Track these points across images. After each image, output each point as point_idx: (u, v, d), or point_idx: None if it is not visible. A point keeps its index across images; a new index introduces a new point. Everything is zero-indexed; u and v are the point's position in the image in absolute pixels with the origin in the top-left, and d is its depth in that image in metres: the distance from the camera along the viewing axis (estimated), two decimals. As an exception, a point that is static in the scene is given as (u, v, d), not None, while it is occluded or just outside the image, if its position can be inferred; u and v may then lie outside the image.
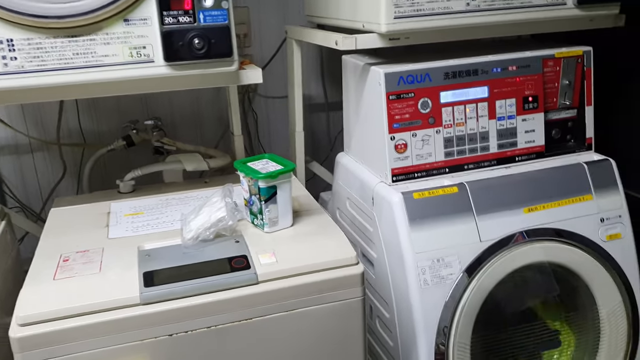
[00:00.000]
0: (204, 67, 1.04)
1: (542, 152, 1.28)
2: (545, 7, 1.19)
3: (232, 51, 1.04)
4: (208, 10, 1.00)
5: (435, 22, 1.12)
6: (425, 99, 1.18)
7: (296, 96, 1.44)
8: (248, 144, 1.79)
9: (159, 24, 0.99)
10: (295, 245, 1.02)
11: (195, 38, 1.00)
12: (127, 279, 0.93)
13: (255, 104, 1.77)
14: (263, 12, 1.70)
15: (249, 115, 1.77)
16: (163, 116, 1.69)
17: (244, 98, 1.74)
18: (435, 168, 1.22)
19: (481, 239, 1.16)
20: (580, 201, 1.24)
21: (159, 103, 1.68)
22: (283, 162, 1.07)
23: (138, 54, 1.00)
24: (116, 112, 1.65)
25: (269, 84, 1.77)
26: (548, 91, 1.28)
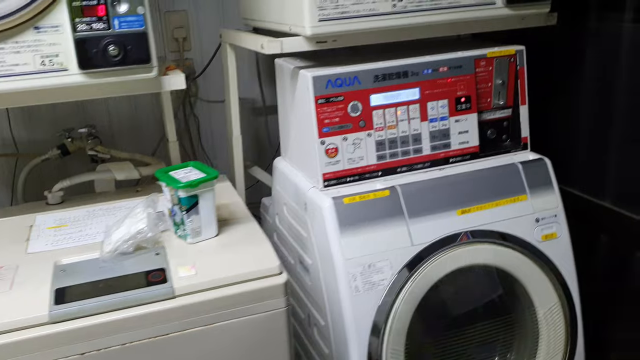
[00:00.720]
0: (121, 74, 1.00)
1: (477, 152, 1.28)
2: (474, 7, 1.18)
3: (150, 57, 1.01)
4: (123, 16, 0.97)
5: (361, 25, 1.10)
6: (355, 102, 1.16)
7: (232, 100, 1.41)
8: (190, 150, 1.75)
9: (72, 31, 0.95)
10: (217, 257, 0.99)
11: (110, 45, 0.97)
12: (38, 297, 0.89)
13: (197, 109, 1.74)
14: (202, 15, 1.67)
15: (190, 120, 1.74)
16: (102, 123, 1.65)
17: (184, 102, 1.71)
18: (368, 172, 1.20)
19: (413, 242, 1.15)
20: (515, 202, 1.24)
21: (97, 110, 1.64)
22: (207, 170, 1.05)
23: (50, 63, 0.96)
24: (52, 120, 1.60)
25: (210, 88, 1.74)
26: (481, 91, 1.27)
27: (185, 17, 1.66)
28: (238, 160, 1.46)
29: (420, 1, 1.13)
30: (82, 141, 1.50)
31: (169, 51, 1.67)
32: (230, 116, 1.43)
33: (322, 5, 1.07)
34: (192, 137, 1.75)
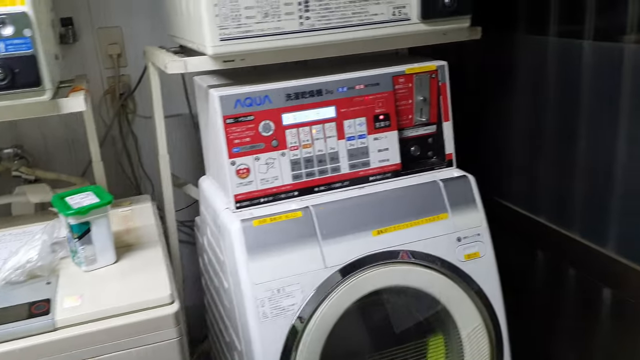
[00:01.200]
0: (10, 98, 0.97)
1: (399, 170, 1.25)
2: (388, 23, 1.16)
3: (41, 80, 0.98)
4: (8, 39, 0.94)
5: (267, 44, 1.08)
6: (267, 121, 1.14)
7: (157, 118, 1.38)
8: (130, 169, 1.72)
9: (-47, 54, 0.93)
10: (109, 285, 0.96)
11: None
12: None
13: (135, 126, 1.71)
14: (137, 30, 1.64)
15: (128, 138, 1.71)
16: (35, 143, 1.62)
17: (121, 120, 1.68)
18: (283, 192, 1.17)
19: (326, 265, 1.12)
20: (435, 220, 1.21)
21: (30, 129, 1.61)
22: (102, 195, 1.02)
23: None
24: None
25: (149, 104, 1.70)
26: (402, 108, 1.25)
27: (119, 33, 1.63)
28: (166, 179, 1.43)
29: (329, 19, 1.11)
30: (10, 161, 1.47)
31: (103, 68, 1.65)
32: (156, 134, 1.41)
33: (223, 24, 1.04)
34: (130, 156, 1.72)
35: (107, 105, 1.67)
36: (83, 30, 1.59)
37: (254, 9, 1.05)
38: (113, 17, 1.62)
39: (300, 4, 1.08)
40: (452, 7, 1.17)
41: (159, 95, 1.38)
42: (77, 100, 1.06)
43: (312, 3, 1.09)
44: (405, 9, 1.16)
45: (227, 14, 1.04)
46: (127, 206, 1.31)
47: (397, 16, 1.16)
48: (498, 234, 1.31)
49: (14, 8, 0.93)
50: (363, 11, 1.13)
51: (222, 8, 1.03)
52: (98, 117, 1.65)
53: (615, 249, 1.21)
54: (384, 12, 1.14)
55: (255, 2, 1.05)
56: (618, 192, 1.18)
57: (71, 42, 1.55)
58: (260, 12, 1.06)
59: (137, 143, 1.72)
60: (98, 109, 1.65)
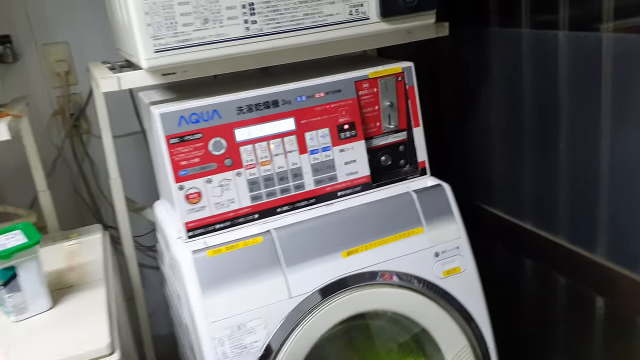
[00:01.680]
0: None
1: (369, 183, 1.15)
2: (344, 24, 1.05)
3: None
4: None
5: (208, 53, 0.97)
6: (218, 138, 1.03)
7: (104, 139, 1.27)
8: (87, 195, 1.61)
9: None
10: (41, 337, 0.85)
11: None
12: None
13: (91, 147, 1.60)
14: (87, 45, 1.53)
15: (83, 161, 1.59)
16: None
17: (74, 141, 1.56)
18: (242, 215, 1.06)
19: (291, 294, 1.01)
20: (410, 235, 1.10)
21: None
22: (32, 234, 0.90)
23: None
24: None
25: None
26: (368, 116, 1.14)
27: (66, 49, 1.52)
28: (120, 204, 1.32)
29: (278, 22, 1.00)
30: (-51, 195, 1.35)
31: (51, 87, 1.53)
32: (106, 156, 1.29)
33: (157, 34, 0.93)
34: (87, 180, 1.60)
35: (58, 127, 1.55)
36: (25, 47, 1.47)
37: (192, 15, 0.94)
38: (59, 32, 1.50)
39: (244, 7, 0.97)
40: (413, 3, 1.07)
41: (105, 114, 1.27)
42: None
43: (258, 5, 0.98)
44: (362, 7, 1.06)
45: (160, 22, 0.93)
46: (76, 238, 1.20)
47: (354, 16, 1.06)
48: (482, 242, 1.21)
49: None
50: (316, 12, 1.02)
51: (154, 16, 0.92)
52: (47, 141, 1.54)
53: (605, 255, 1.12)
54: (339, 12, 1.04)
55: (193, 8, 0.94)
56: (604, 195, 1.09)
57: (11, 62, 1.43)
58: (199, 18, 0.95)
59: (93, 166, 1.60)
60: (47, 131, 1.53)
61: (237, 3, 0.97)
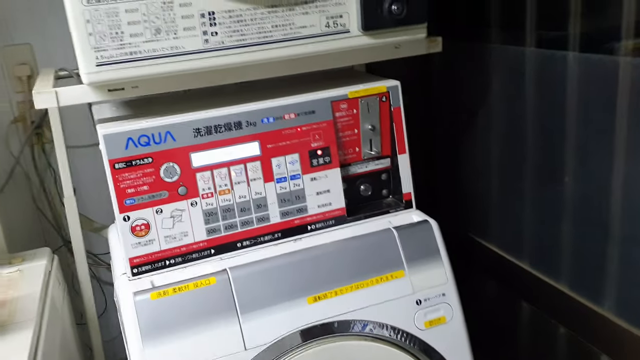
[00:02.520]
0: None
1: (344, 216, 1.02)
2: (320, 37, 0.92)
3: None
4: None
5: (160, 68, 0.84)
6: (170, 163, 0.90)
7: (58, 153, 1.15)
8: (49, 211, 1.49)
9: None
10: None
11: None
12: None
13: (54, 158, 1.47)
14: (52, 48, 1.41)
15: (45, 173, 1.47)
16: None
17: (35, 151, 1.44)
18: (196, 251, 0.94)
19: (246, 346, 0.88)
20: (389, 280, 0.97)
21: None
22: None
23: None
24: None
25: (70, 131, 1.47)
26: (345, 140, 1.01)
27: (29, 51, 1.40)
28: (74, 225, 1.19)
29: (242, 34, 0.88)
30: None
31: (13, 92, 1.41)
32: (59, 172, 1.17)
33: (100, 45, 0.81)
34: (49, 195, 1.48)
35: (18, 135, 1.43)
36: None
37: (141, 25, 0.82)
38: (21, 33, 1.38)
39: (203, 17, 0.85)
40: (401, 15, 0.94)
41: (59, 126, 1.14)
42: None
43: (219, 15, 0.86)
44: (342, 18, 0.93)
45: (104, 31, 0.80)
46: (18, 264, 1.08)
47: (332, 28, 0.93)
48: (474, 277, 1.08)
49: None
50: (287, 23, 0.90)
51: (97, 25, 0.80)
52: (6, 150, 1.42)
53: (612, 309, 0.98)
54: (314, 24, 0.91)
55: (142, 16, 0.82)
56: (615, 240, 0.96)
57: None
58: (150, 28, 0.82)
59: (56, 178, 1.48)
60: (5, 140, 1.42)
61: (195, 12, 0.84)
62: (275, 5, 0.89)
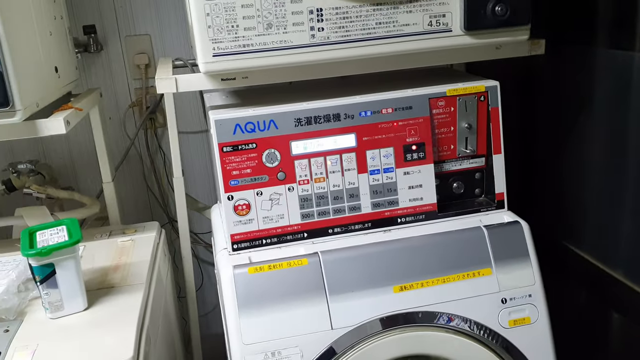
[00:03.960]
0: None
1: (434, 211, 1.04)
2: (422, 35, 0.95)
3: (9, 100, 0.87)
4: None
5: (269, 60, 0.91)
6: (272, 150, 0.97)
7: (171, 137, 1.25)
8: (157, 189, 1.62)
9: None
10: (69, 339, 0.83)
11: (-45, 87, 0.84)
12: None
13: (165, 141, 1.60)
14: (167, 38, 1.54)
15: (156, 154, 1.60)
16: (62, 158, 1.55)
17: (148, 134, 1.58)
18: (290, 233, 1.00)
19: (333, 326, 0.93)
20: (475, 276, 0.98)
21: (58, 144, 1.54)
22: (74, 232, 0.89)
23: None
24: (7, 152, 1.52)
25: (181, 118, 1.59)
26: (441, 137, 1.03)
27: (147, 41, 1.53)
28: (181, 204, 1.30)
29: (347, 30, 0.92)
30: (26, 177, 1.40)
31: (131, 79, 1.55)
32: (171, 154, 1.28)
33: (217, 37, 0.88)
34: (158, 174, 1.61)
35: (134, 119, 1.57)
36: (109, 38, 1.50)
37: (255, 19, 0.89)
38: (142, 24, 1.51)
39: (312, 13, 0.90)
40: (504, 16, 0.94)
41: (173, 111, 1.24)
42: (55, 123, 0.94)
43: (327, 12, 0.91)
44: (445, 18, 0.95)
45: (221, 24, 0.88)
46: (130, 234, 1.19)
47: (434, 27, 0.95)
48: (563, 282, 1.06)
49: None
50: (391, 21, 0.93)
51: (215, 18, 0.87)
52: (123, 132, 1.56)
53: None
54: (417, 22, 0.94)
55: (256, 11, 0.88)
56: None
57: (94, 51, 1.46)
58: (262, 23, 0.89)
59: (165, 160, 1.61)
60: (123, 123, 1.56)
61: (304, 8, 0.90)
62: (380, 4, 0.92)
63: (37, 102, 0.96)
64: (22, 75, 0.89)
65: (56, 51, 1.13)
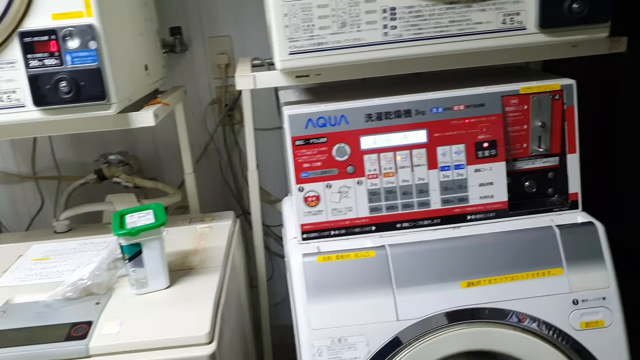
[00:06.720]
0: (76, 111, 0.96)
1: (505, 209, 1.04)
2: (496, 33, 0.95)
3: (106, 94, 0.95)
4: (75, 51, 0.93)
5: (344, 57, 0.94)
6: (342, 144, 1.00)
7: (247, 132, 1.31)
8: (233, 182, 1.69)
9: (25, 67, 0.93)
10: (152, 314, 0.90)
11: (60, 81, 0.93)
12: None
13: (241, 137, 1.67)
14: (247, 40, 1.61)
15: (233, 150, 1.68)
16: (147, 150, 1.66)
17: (226, 130, 1.66)
18: (358, 225, 1.03)
19: (399, 317, 0.95)
20: (545, 276, 0.97)
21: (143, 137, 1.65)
22: (160, 215, 0.96)
23: (9, 99, 0.96)
24: (98, 144, 1.64)
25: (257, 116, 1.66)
26: (514, 135, 1.03)
27: (228, 42, 1.61)
28: (254, 196, 1.36)
29: (420, 28, 0.94)
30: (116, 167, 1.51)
31: (212, 78, 1.64)
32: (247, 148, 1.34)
33: (293, 36, 0.93)
34: (233, 168, 1.69)
35: (214, 115, 1.66)
36: (193, 39, 1.59)
37: (329, 18, 0.92)
38: (223, 26, 1.59)
39: (385, 12, 0.93)
40: (582, 14, 0.93)
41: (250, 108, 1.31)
42: (146, 115, 1.02)
43: (400, 10, 0.93)
44: (519, 16, 0.95)
45: (298, 24, 0.92)
46: (209, 222, 1.27)
47: (508, 25, 0.95)
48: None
49: (81, 20, 0.92)
50: (464, 19, 0.94)
51: (292, 18, 0.92)
52: (203, 127, 1.65)
53: None
54: (491, 21, 0.94)
55: (331, 11, 0.92)
56: None
57: (179, 52, 1.56)
58: (337, 22, 0.93)
59: (240, 155, 1.68)
60: (204, 118, 1.64)
61: (378, 7, 0.93)
62: (453, 2, 0.93)
63: (130, 97, 1.05)
64: (117, 71, 0.98)
65: (146, 51, 1.22)
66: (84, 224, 1.32)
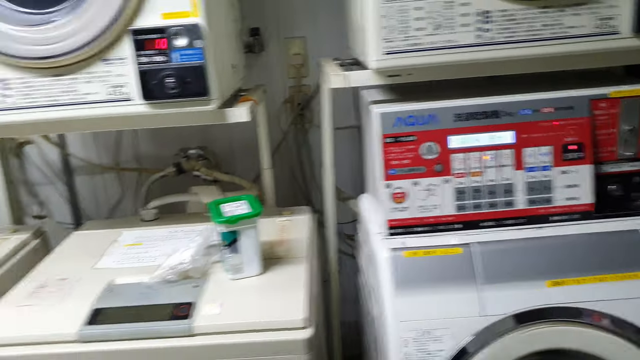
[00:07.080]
0: (179, 106, 1.02)
1: (590, 212, 1.04)
2: (588, 37, 0.96)
3: (208, 90, 1.01)
4: (182, 49, 0.99)
5: (437, 58, 0.97)
6: (430, 143, 1.03)
7: (325, 130, 1.36)
8: (301, 179, 1.74)
9: (135, 63, 1.00)
10: (248, 298, 0.95)
11: (167, 77, 0.99)
12: (77, 314, 0.94)
13: (311, 136, 1.72)
14: (321, 41, 1.65)
15: (303, 147, 1.72)
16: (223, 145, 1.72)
17: (297, 129, 1.70)
18: (444, 223, 1.05)
19: (483, 313, 0.97)
20: (632, 279, 0.98)
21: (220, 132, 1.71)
22: (255, 205, 1.01)
23: (118, 92, 1.02)
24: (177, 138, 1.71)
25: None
26: (601, 138, 1.04)
27: (303, 43, 1.66)
28: (329, 192, 1.40)
29: (513, 31, 0.96)
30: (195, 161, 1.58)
31: (287, 77, 1.69)
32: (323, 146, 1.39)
33: (389, 37, 0.96)
34: (303, 166, 1.74)
35: (286, 114, 1.71)
36: (270, 40, 1.64)
37: (425, 20, 0.95)
38: (299, 27, 1.64)
39: (479, 15, 0.95)
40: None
41: (329, 107, 1.35)
42: (241, 111, 1.08)
43: (494, 14, 0.95)
44: (613, 20, 0.95)
45: (394, 25, 0.96)
46: (288, 216, 1.31)
47: (601, 29, 0.96)
48: None
49: (188, 20, 0.97)
50: (556, 23, 0.96)
51: (389, 19, 0.95)
52: (276, 125, 1.70)
53: None
54: (584, 25, 0.96)
55: (427, 13, 0.95)
56: None
57: (257, 52, 1.61)
58: (432, 24, 0.96)
59: (310, 153, 1.73)
60: (277, 117, 1.70)
61: (473, 10, 0.95)
62: (547, 7, 0.95)
63: (224, 94, 1.10)
64: (216, 69, 1.03)
65: (234, 50, 1.28)
66: (168, 214, 1.38)
